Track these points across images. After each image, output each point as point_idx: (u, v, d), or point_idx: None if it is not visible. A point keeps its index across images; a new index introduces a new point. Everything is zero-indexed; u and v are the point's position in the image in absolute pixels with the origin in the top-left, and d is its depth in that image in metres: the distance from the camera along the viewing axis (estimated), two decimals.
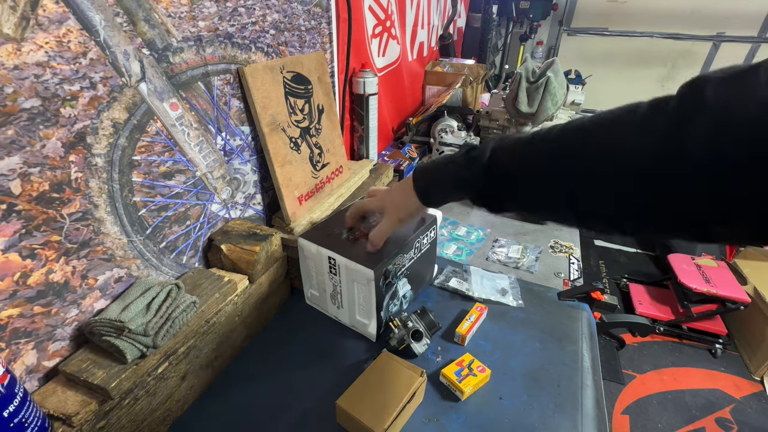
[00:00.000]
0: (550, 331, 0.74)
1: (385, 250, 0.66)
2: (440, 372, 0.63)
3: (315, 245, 0.69)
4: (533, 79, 1.27)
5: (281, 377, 0.65)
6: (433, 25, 1.79)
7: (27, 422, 0.40)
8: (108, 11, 0.46)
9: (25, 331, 0.45)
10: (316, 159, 0.85)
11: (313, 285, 0.75)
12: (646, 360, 1.96)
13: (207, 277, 0.63)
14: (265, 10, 0.70)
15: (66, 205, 0.46)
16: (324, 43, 0.90)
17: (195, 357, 0.58)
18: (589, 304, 0.81)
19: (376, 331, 0.69)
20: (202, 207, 0.66)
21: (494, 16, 2.42)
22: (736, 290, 1.85)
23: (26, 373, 0.46)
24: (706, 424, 1.67)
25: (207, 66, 0.61)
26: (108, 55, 0.47)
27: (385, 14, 1.25)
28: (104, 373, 0.47)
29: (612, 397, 1.77)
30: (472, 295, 0.81)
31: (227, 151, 0.69)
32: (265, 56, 0.73)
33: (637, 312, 2.07)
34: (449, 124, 1.44)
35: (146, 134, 0.54)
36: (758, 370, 1.87)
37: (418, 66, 1.66)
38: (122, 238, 0.53)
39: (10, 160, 0.40)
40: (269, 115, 0.72)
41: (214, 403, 0.61)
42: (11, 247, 0.42)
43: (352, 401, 0.55)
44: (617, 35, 2.82)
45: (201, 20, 0.58)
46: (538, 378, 0.65)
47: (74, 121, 0.45)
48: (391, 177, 1.14)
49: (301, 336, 0.73)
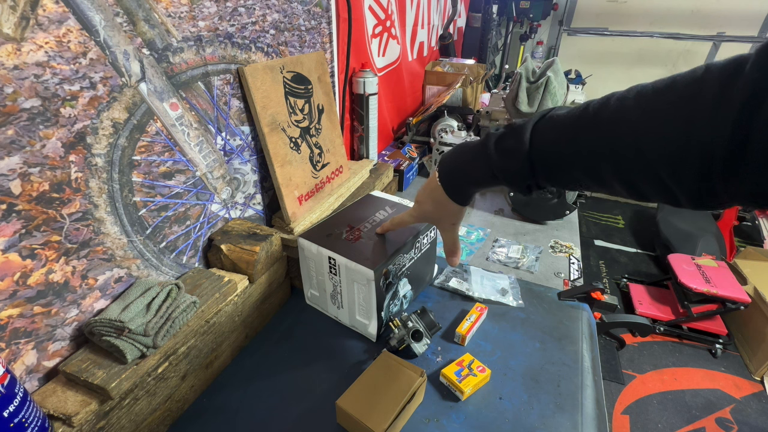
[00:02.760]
0: (550, 331, 0.74)
1: (385, 251, 0.66)
2: (440, 372, 0.63)
3: (315, 245, 0.69)
4: (533, 79, 1.27)
5: (281, 377, 0.65)
6: (433, 24, 1.79)
7: (27, 422, 0.40)
8: (108, 11, 0.46)
9: (25, 331, 0.45)
10: (316, 159, 0.85)
11: (313, 285, 0.75)
12: (646, 360, 1.96)
13: (207, 277, 0.63)
14: (265, 10, 0.70)
15: (66, 205, 0.46)
16: (324, 43, 0.90)
17: (195, 357, 0.58)
18: (589, 304, 0.81)
19: (377, 331, 0.69)
20: (202, 207, 0.66)
21: (494, 16, 2.42)
22: (736, 290, 1.85)
23: (26, 373, 0.46)
24: (706, 424, 1.67)
25: (207, 66, 0.61)
26: (108, 55, 0.47)
27: (385, 14, 1.25)
28: (104, 373, 0.47)
29: (612, 397, 1.77)
30: (472, 295, 0.81)
31: (227, 151, 0.69)
32: (265, 56, 0.73)
33: (637, 312, 2.07)
34: (449, 124, 1.44)
35: (146, 134, 0.54)
36: (758, 370, 1.87)
37: (418, 66, 1.66)
38: (122, 238, 0.53)
39: (10, 160, 0.40)
40: (269, 115, 0.72)
41: (214, 403, 0.61)
42: (11, 247, 0.42)
43: (352, 401, 0.55)
44: (617, 35, 2.82)
45: (201, 20, 0.58)
46: (538, 378, 0.65)
47: (74, 121, 0.45)
48: (391, 177, 1.14)
49: (301, 336, 0.73)
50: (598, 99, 0.36)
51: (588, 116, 0.36)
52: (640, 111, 0.32)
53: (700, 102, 0.28)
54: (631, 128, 0.32)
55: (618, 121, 0.33)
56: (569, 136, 0.37)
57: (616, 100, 0.34)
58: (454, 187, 0.50)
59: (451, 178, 0.49)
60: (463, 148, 0.48)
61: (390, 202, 0.83)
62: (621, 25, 2.81)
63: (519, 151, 0.41)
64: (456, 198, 0.50)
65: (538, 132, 0.40)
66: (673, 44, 2.75)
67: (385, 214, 0.77)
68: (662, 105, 0.31)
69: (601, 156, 0.35)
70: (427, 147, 1.46)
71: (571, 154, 0.38)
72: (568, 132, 0.38)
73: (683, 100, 0.29)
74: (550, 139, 0.39)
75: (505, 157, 0.42)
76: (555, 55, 2.98)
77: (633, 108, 0.33)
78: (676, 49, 2.77)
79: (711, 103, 0.27)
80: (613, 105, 0.34)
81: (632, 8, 2.76)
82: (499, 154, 0.43)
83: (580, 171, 0.38)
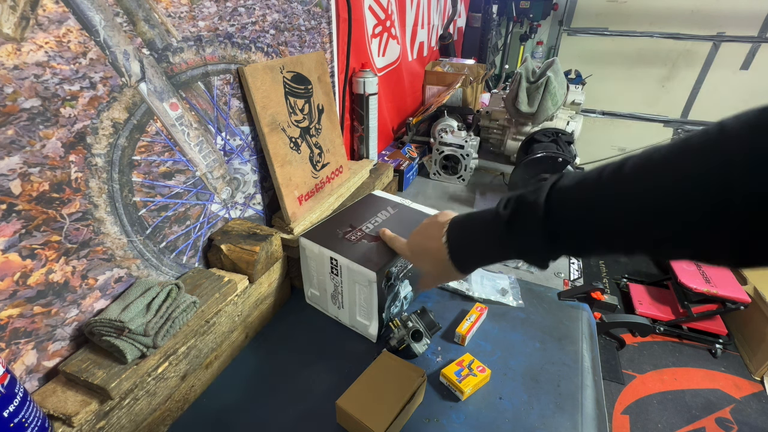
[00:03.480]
0: (550, 331, 0.74)
1: (387, 252, 0.66)
2: (440, 372, 0.63)
3: (317, 245, 0.69)
4: (533, 79, 1.27)
5: (281, 377, 0.65)
6: (433, 24, 1.78)
7: (27, 422, 0.40)
8: (108, 11, 0.46)
9: (25, 331, 0.45)
10: (316, 159, 0.85)
11: (314, 285, 0.75)
12: (646, 360, 1.96)
13: (207, 277, 0.63)
14: (265, 10, 0.70)
15: (66, 205, 0.46)
16: (324, 43, 0.90)
17: (195, 357, 0.58)
18: (589, 304, 0.81)
19: (377, 332, 0.69)
20: (202, 207, 0.66)
21: (494, 16, 2.42)
22: (736, 290, 1.85)
23: (26, 373, 0.46)
24: (706, 424, 1.67)
25: (207, 66, 0.61)
26: (108, 55, 0.47)
27: (385, 14, 1.24)
28: (104, 373, 0.47)
29: (612, 397, 1.77)
30: (472, 295, 0.81)
31: (227, 151, 0.69)
32: (265, 56, 0.73)
33: (637, 312, 2.07)
34: (449, 124, 1.44)
35: (146, 134, 0.54)
36: (758, 370, 1.87)
37: (418, 66, 1.66)
38: (122, 238, 0.53)
39: (10, 160, 0.40)
40: (269, 115, 0.72)
41: (214, 403, 0.61)
42: (11, 247, 0.42)
43: (352, 401, 0.55)
44: (617, 35, 2.82)
45: (201, 20, 0.58)
46: (538, 378, 0.65)
47: (74, 121, 0.45)
48: (391, 177, 1.14)
49: (301, 336, 0.73)
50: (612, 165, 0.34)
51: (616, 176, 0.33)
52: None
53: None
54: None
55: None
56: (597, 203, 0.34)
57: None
58: (464, 262, 0.47)
59: (460, 254, 0.46)
60: (474, 223, 0.45)
61: (392, 202, 0.83)
62: (621, 25, 2.81)
63: (535, 226, 0.37)
64: (464, 270, 0.48)
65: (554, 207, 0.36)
66: (673, 44, 2.74)
67: (386, 215, 0.77)
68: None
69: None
70: (427, 147, 1.46)
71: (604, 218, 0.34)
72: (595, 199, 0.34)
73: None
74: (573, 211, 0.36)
75: (522, 236, 0.39)
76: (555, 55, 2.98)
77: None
78: (676, 49, 2.77)
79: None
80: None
81: (632, 8, 2.75)
82: (507, 226, 0.40)
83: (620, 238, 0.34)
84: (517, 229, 0.39)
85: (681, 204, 0.29)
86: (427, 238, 0.50)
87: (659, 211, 0.30)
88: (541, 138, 1.22)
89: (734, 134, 0.27)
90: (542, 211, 0.36)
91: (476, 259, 0.46)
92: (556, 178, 0.38)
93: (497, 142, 1.46)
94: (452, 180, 1.34)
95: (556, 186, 0.37)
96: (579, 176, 0.36)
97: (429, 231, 0.50)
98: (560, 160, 1.08)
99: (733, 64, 2.70)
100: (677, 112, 2.95)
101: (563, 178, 0.37)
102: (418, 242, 0.52)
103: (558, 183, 0.37)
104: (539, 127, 1.31)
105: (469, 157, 1.29)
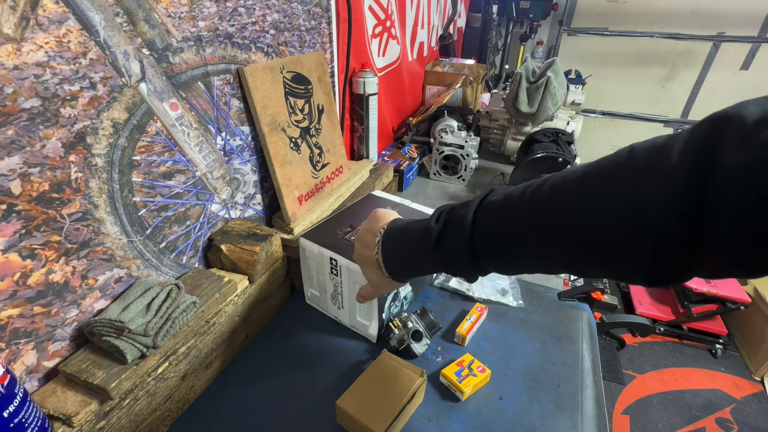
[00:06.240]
0: (550, 332, 0.74)
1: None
2: (440, 372, 0.63)
3: (317, 245, 0.69)
4: (533, 79, 1.27)
5: (281, 377, 0.65)
6: (433, 25, 1.78)
7: (27, 422, 0.40)
8: (108, 11, 0.46)
9: (25, 331, 0.45)
10: (316, 159, 0.85)
11: (314, 285, 0.75)
12: (647, 360, 1.96)
13: (207, 277, 0.63)
14: (265, 10, 0.70)
15: (66, 205, 0.46)
16: (324, 43, 0.90)
17: (195, 357, 0.58)
18: (589, 304, 0.81)
19: (377, 332, 0.69)
20: (202, 207, 0.66)
21: (494, 16, 2.42)
22: (736, 290, 1.85)
23: (26, 373, 0.46)
24: (707, 424, 1.67)
25: (207, 66, 0.61)
26: (108, 55, 0.47)
27: (385, 14, 1.24)
28: (104, 374, 0.47)
29: (612, 397, 1.77)
30: (472, 296, 0.81)
31: (227, 151, 0.69)
32: (265, 56, 0.73)
33: (637, 312, 2.07)
34: (449, 124, 1.44)
35: (146, 134, 0.54)
36: (758, 370, 1.87)
37: (418, 66, 1.66)
38: (122, 238, 0.53)
39: (10, 160, 0.40)
40: (269, 115, 0.72)
41: (214, 403, 0.61)
42: (11, 247, 0.42)
43: (352, 401, 0.55)
44: (617, 35, 2.82)
45: (201, 20, 0.58)
46: (538, 378, 0.65)
47: (74, 121, 0.45)
48: (391, 177, 1.14)
49: (301, 336, 0.73)
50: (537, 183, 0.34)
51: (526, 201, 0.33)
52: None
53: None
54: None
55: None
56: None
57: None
58: (398, 274, 0.46)
59: (394, 266, 0.46)
60: (407, 234, 0.44)
61: (392, 202, 0.83)
62: (621, 25, 2.81)
63: (461, 243, 0.37)
64: (400, 280, 0.48)
65: (478, 221, 0.37)
66: (673, 44, 2.74)
67: None
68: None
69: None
70: (427, 147, 1.46)
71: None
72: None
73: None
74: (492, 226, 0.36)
75: (449, 253, 0.39)
76: (555, 55, 2.98)
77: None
78: (676, 49, 2.77)
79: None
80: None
81: (632, 8, 2.75)
82: (443, 251, 0.39)
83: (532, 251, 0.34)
84: (444, 246, 0.39)
85: (594, 229, 0.29)
86: (364, 246, 0.48)
87: (571, 234, 0.30)
88: (541, 138, 1.22)
89: (642, 167, 0.27)
90: (468, 229, 0.36)
91: (410, 271, 0.46)
92: (486, 193, 0.37)
93: (497, 142, 1.46)
94: (452, 180, 1.34)
95: (484, 201, 0.37)
96: (507, 192, 0.36)
97: (365, 238, 0.48)
98: (560, 160, 1.08)
99: (734, 64, 2.71)
100: (677, 112, 2.95)
101: (492, 194, 0.37)
102: (357, 249, 0.51)
103: (487, 198, 0.37)
104: (539, 127, 1.31)
105: (469, 157, 1.29)
